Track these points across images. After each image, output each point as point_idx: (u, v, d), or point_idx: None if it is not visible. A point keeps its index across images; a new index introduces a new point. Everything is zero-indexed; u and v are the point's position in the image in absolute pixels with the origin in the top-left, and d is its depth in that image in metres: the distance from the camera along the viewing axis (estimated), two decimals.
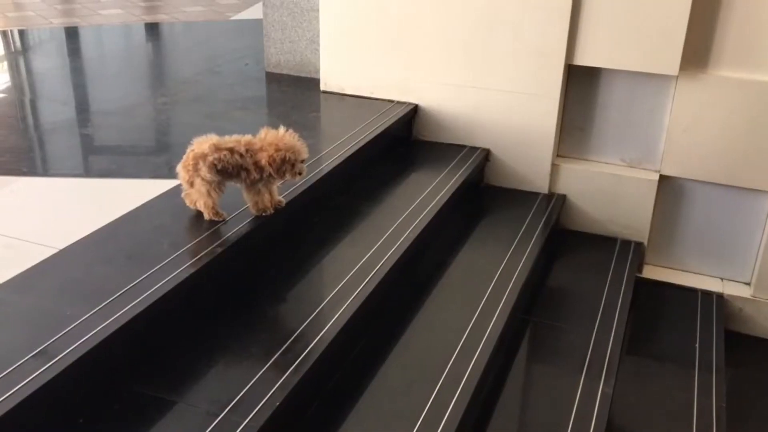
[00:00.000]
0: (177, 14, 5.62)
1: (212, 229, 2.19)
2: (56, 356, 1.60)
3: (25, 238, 2.14)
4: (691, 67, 3.02)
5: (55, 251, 2.04)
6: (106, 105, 3.52)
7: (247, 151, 2.17)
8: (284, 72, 3.88)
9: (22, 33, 4.95)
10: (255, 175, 2.18)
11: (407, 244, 2.48)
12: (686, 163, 3.17)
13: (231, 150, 2.16)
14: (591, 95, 3.27)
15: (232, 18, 5.53)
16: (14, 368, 1.57)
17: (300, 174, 2.21)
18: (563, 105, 3.28)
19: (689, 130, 3.10)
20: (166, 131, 3.22)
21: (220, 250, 2.09)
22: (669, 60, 2.97)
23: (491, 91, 3.26)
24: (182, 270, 1.96)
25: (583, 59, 3.11)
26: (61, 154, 2.96)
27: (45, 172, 2.79)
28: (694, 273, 3.34)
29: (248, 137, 2.21)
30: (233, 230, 2.20)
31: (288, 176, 2.19)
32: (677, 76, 3.02)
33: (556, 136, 3.27)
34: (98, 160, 2.94)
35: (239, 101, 3.52)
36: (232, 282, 2.19)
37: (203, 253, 2.06)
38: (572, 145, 3.38)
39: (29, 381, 1.53)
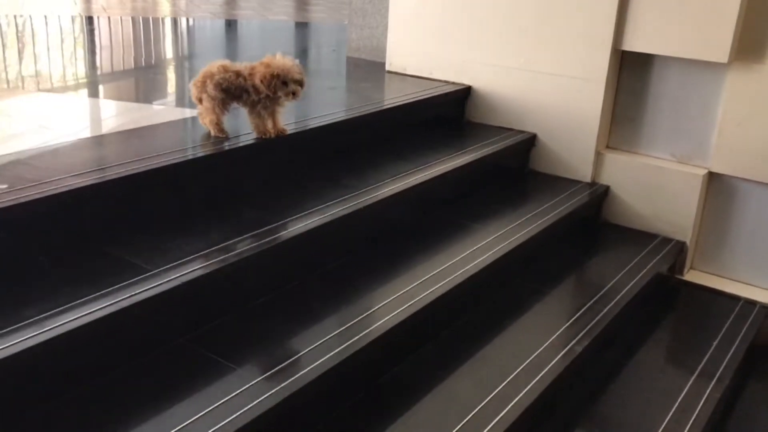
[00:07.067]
0: (295, 16, 6.17)
1: (214, 142, 2.43)
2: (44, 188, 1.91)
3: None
4: (747, 57, 2.86)
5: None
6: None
7: (249, 75, 2.37)
8: (362, 57, 4.11)
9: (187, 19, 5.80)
10: (254, 96, 2.38)
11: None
12: (739, 161, 2.98)
13: (237, 72, 2.38)
14: (643, 84, 3.18)
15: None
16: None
17: (294, 95, 2.36)
18: (615, 94, 3.22)
19: (743, 124, 2.92)
20: None
21: (205, 153, 2.34)
22: (719, 46, 2.84)
23: (540, 74, 3.27)
24: (170, 159, 2.21)
25: (632, 44, 3.05)
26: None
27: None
28: (742, 282, 3.09)
29: (256, 63, 2.42)
30: (228, 143, 2.42)
31: (281, 95, 2.36)
32: (730, 66, 2.88)
33: (601, 123, 3.20)
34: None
35: (310, 75, 3.80)
36: (213, 187, 2.37)
37: (196, 153, 2.32)
38: (623, 137, 3.28)
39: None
